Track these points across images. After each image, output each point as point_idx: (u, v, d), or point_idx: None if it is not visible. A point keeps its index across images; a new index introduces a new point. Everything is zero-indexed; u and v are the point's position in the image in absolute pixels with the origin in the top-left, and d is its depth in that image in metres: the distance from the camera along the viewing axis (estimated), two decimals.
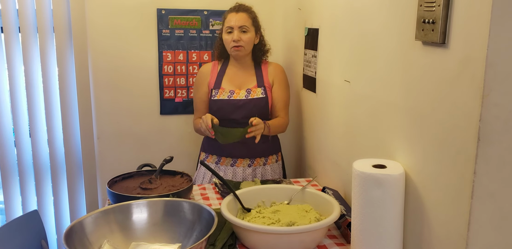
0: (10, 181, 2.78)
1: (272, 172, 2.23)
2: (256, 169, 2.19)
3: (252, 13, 2.16)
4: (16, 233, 1.84)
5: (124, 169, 2.06)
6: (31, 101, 2.67)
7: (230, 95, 2.14)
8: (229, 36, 2.10)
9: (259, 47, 2.20)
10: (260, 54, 2.22)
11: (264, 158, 2.22)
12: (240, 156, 2.17)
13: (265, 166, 2.22)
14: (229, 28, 2.10)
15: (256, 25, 2.15)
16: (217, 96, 2.14)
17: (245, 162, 2.17)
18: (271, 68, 2.23)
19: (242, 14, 2.10)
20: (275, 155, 2.28)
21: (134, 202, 1.47)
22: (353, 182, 1.27)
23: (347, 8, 1.68)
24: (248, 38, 2.10)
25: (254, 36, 2.14)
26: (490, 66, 0.91)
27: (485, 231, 0.98)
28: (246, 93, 2.14)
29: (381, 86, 1.41)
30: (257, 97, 2.14)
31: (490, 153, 0.95)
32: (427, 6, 1.10)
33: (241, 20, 2.09)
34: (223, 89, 2.15)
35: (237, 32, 2.08)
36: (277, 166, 2.28)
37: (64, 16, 2.56)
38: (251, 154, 2.18)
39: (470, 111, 0.97)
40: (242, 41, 2.09)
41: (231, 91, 2.15)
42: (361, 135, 1.60)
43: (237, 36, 2.08)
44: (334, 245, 1.47)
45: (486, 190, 0.96)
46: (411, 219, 1.25)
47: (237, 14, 2.10)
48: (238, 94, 2.14)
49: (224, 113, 2.11)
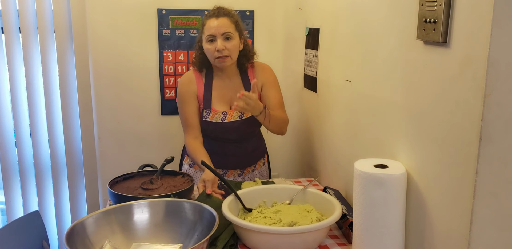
0: (11, 182, 2.78)
1: (260, 176, 2.19)
2: (246, 176, 2.14)
3: (234, 16, 1.94)
4: (17, 233, 1.84)
5: (125, 169, 2.06)
6: (32, 101, 2.67)
7: (223, 118, 1.98)
8: (212, 46, 1.87)
9: (243, 53, 1.99)
10: (245, 61, 2.01)
11: (254, 165, 2.16)
12: (231, 168, 2.09)
13: (254, 172, 2.16)
14: (210, 37, 1.87)
15: (239, 30, 1.94)
16: (209, 117, 1.98)
17: (236, 173, 2.12)
18: (257, 71, 2.04)
19: (223, 19, 1.88)
20: (263, 159, 2.20)
21: (135, 202, 1.47)
22: (355, 182, 1.26)
23: (348, 8, 1.68)
24: (233, 45, 1.89)
25: (239, 43, 1.93)
26: (491, 66, 0.91)
27: (487, 231, 0.98)
28: (239, 114, 1.99)
29: (382, 86, 1.41)
30: (250, 116, 1.97)
31: (492, 152, 0.94)
32: (428, 6, 1.10)
33: (223, 26, 1.87)
34: (215, 111, 1.98)
35: (220, 40, 1.86)
36: (264, 168, 2.21)
37: (64, 17, 2.56)
38: (242, 165, 2.11)
39: (472, 110, 0.96)
40: (227, 50, 1.87)
41: (224, 112, 1.98)
42: (362, 135, 1.59)
43: (221, 45, 1.85)
44: (336, 245, 1.47)
45: (488, 190, 0.96)
46: (412, 218, 1.25)
47: (217, 19, 1.88)
48: (231, 116, 1.98)
49: (218, 134, 2.02)
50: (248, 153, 2.10)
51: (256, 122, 1.96)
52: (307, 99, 2.25)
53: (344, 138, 1.78)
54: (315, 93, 2.10)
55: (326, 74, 1.96)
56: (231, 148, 2.05)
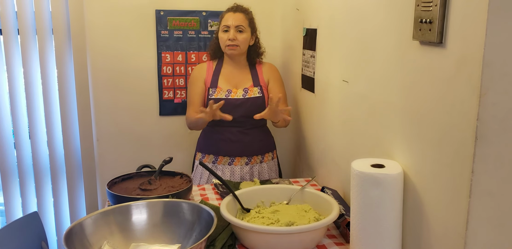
0: (10, 183, 2.78)
1: (269, 170, 2.26)
2: (253, 166, 2.21)
3: (249, 14, 2.19)
4: (16, 234, 1.84)
5: (124, 170, 2.06)
6: (31, 103, 2.68)
7: (228, 95, 2.16)
8: (225, 35, 2.13)
9: (254, 49, 2.23)
10: (255, 56, 2.25)
11: (261, 155, 2.24)
12: (237, 154, 2.19)
13: (262, 164, 2.24)
14: (225, 27, 2.12)
15: (252, 27, 2.18)
16: (214, 95, 2.17)
17: (243, 160, 2.19)
18: (265, 68, 2.26)
19: (239, 14, 2.14)
20: (271, 153, 2.30)
21: (134, 203, 1.47)
22: (352, 181, 1.27)
23: (345, 9, 1.69)
24: (243, 38, 2.13)
25: (249, 37, 2.17)
26: (487, 66, 0.92)
27: (483, 230, 0.99)
28: (243, 93, 2.16)
29: (379, 86, 1.41)
30: (254, 96, 2.17)
31: (488, 152, 0.95)
32: (424, 6, 1.11)
33: (238, 20, 2.12)
34: (220, 89, 2.17)
35: (233, 31, 2.11)
36: (273, 163, 2.31)
37: (62, 18, 2.56)
38: (248, 152, 2.20)
39: (467, 110, 0.97)
40: (238, 40, 2.12)
41: (228, 90, 2.17)
42: (359, 135, 1.60)
43: (233, 35, 2.11)
44: (334, 244, 1.47)
45: (484, 189, 0.97)
46: (409, 218, 1.25)
47: (234, 14, 2.14)
48: (236, 94, 2.17)
49: (222, 112, 2.10)
50: (254, 141, 2.20)
51: (258, 104, 2.16)
52: (305, 100, 2.26)
53: (341, 138, 1.78)
54: (313, 93, 2.11)
55: (324, 75, 1.96)
56: (236, 134, 2.17)
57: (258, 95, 2.17)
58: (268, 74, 2.24)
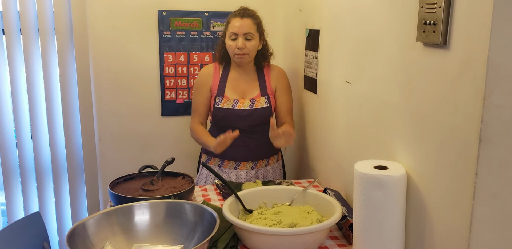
0: (12, 183, 2.78)
1: (273, 172, 2.24)
2: (259, 170, 2.20)
3: (257, 18, 2.10)
4: (18, 235, 1.84)
5: (126, 170, 2.06)
6: (33, 103, 2.68)
7: (234, 105, 2.10)
8: (233, 43, 2.04)
9: (262, 52, 2.15)
10: (263, 59, 2.17)
11: (266, 159, 2.22)
12: (243, 159, 2.16)
13: (267, 167, 2.22)
14: (233, 35, 2.04)
15: (260, 31, 2.10)
16: (221, 104, 2.11)
17: (248, 165, 2.17)
18: (273, 73, 2.19)
19: (247, 20, 2.04)
20: (276, 155, 2.28)
21: (136, 203, 1.47)
22: (355, 183, 1.27)
23: (348, 10, 1.69)
24: (252, 45, 2.05)
25: (258, 43, 2.09)
26: (491, 68, 0.91)
27: (487, 232, 0.98)
28: (250, 103, 2.11)
29: (382, 87, 1.41)
30: (261, 107, 2.11)
31: (491, 154, 0.95)
32: (428, 8, 1.11)
33: (246, 26, 2.03)
34: (227, 98, 2.11)
35: (242, 39, 2.03)
36: (277, 165, 2.29)
37: (65, 18, 2.57)
38: (253, 157, 2.17)
39: (471, 112, 0.97)
40: (247, 48, 2.04)
41: (235, 100, 2.11)
42: (362, 136, 1.60)
43: (242, 43, 2.03)
44: (336, 246, 1.47)
45: (488, 191, 0.96)
46: (412, 220, 1.25)
47: (241, 19, 2.04)
48: (242, 104, 2.10)
49: (228, 121, 2.10)
50: (260, 146, 2.15)
51: (265, 115, 2.11)
52: (307, 101, 2.25)
53: (344, 139, 1.78)
54: (315, 94, 2.10)
55: (326, 76, 1.96)
56: (242, 139, 2.07)
57: (265, 106, 2.12)
58: (275, 82, 2.18)
